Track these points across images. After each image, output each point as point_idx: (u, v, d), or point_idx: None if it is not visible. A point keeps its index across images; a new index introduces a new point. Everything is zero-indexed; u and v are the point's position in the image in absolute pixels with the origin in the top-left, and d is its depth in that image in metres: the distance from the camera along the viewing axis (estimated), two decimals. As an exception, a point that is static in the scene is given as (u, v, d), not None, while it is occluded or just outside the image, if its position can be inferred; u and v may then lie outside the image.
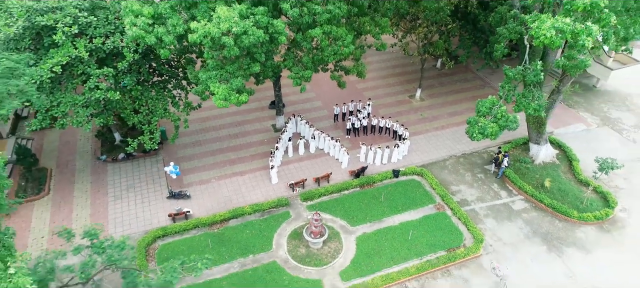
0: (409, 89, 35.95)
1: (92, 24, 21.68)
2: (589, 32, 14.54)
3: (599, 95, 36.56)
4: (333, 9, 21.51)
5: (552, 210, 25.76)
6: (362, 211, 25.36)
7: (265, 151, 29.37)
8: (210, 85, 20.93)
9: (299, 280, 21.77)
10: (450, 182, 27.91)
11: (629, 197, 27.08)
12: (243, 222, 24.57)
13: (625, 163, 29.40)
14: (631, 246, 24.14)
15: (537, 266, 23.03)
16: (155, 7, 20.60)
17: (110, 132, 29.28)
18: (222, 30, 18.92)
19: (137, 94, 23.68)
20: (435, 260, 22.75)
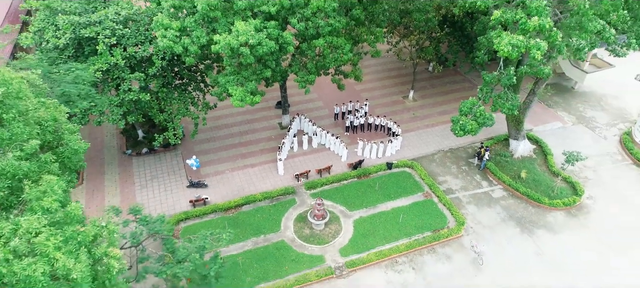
0: (403, 91, 39.81)
1: (126, 35, 25.51)
2: (538, 47, 18.34)
3: (577, 96, 40.43)
4: (334, 23, 25.39)
5: (527, 197, 29.62)
6: (359, 198, 29.20)
7: (273, 146, 33.24)
8: (229, 88, 24.78)
9: (304, 256, 25.59)
10: (438, 174, 31.77)
11: (595, 187, 30.93)
12: (255, 208, 28.39)
13: (595, 158, 33.46)
14: (594, 228, 27.97)
15: (511, 245, 26.86)
16: (182, 22, 24.43)
17: (134, 129, 33.08)
18: (241, 42, 22.76)
19: (163, 95, 27.51)
20: (422, 239, 26.59)
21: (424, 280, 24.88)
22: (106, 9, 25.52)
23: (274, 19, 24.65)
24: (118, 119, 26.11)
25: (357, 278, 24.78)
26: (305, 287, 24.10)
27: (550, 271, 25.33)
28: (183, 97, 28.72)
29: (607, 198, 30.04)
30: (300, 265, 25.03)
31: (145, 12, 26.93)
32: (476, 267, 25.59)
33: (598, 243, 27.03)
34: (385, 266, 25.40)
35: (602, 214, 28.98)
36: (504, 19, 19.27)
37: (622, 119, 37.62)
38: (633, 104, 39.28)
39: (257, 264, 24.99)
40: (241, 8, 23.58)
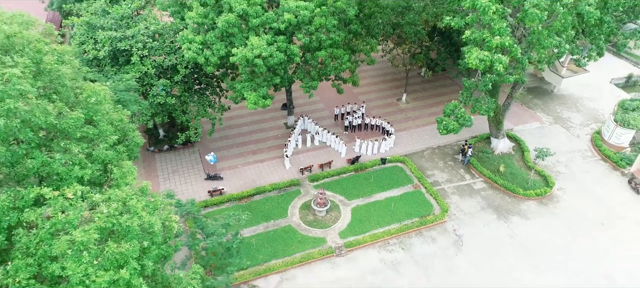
0: (397, 94, 44.41)
1: (155, 47, 30.08)
2: (500, 61, 22.84)
3: (555, 98, 45.02)
4: (334, 37, 29.97)
5: (504, 188, 34.19)
6: (356, 189, 33.77)
7: (279, 144, 37.80)
8: (244, 92, 29.37)
9: (308, 238, 30.14)
10: (426, 168, 36.34)
11: (566, 180, 35.50)
12: (265, 197, 32.94)
13: (567, 154, 38.07)
14: (562, 215, 32.52)
15: (488, 229, 31.42)
16: (204, 36, 28.97)
17: (155, 128, 37.61)
18: (255, 54, 27.33)
19: (185, 99, 32.08)
20: (410, 224, 31.16)
21: (412, 258, 29.41)
22: (138, 25, 30.07)
23: (282, 34, 29.19)
24: (147, 119, 30.60)
25: (354, 257, 29.32)
26: (309, 263, 28.62)
27: (521, 251, 29.86)
28: (202, 100, 33.25)
29: (575, 190, 34.59)
30: (305, 246, 29.57)
31: (170, 26, 31.47)
32: (457, 247, 30.13)
33: (564, 228, 31.57)
34: (378, 246, 29.94)
35: (570, 203, 33.53)
36: (473, 38, 23.84)
37: (595, 119, 42.18)
38: (606, 105, 43.81)
39: (268, 244, 29.53)
40: (255, 25, 28.13)
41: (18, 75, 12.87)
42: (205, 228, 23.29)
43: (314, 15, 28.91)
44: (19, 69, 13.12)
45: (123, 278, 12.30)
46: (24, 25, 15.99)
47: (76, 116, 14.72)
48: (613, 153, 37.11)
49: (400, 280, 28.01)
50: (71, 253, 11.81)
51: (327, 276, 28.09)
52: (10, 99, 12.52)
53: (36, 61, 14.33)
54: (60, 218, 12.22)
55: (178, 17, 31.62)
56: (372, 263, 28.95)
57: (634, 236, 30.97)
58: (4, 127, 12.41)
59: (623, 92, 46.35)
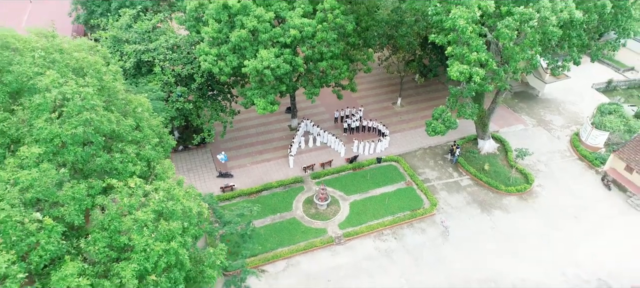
0: (392, 98, 48.57)
1: (174, 58, 34.19)
2: (478, 74, 26.93)
3: (540, 102, 49.18)
4: (334, 49, 34.13)
5: (488, 185, 38.31)
6: (354, 185, 37.89)
7: (284, 144, 41.95)
8: (254, 99, 33.52)
9: (311, 229, 34.25)
10: (418, 166, 40.49)
11: (545, 177, 39.63)
12: (271, 193, 37.05)
13: (548, 154, 42.20)
14: (539, 209, 36.62)
15: (472, 221, 35.54)
16: (218, 49, 33.07)
17: (171, 131, 41.69)
18: (264, 66, 31.46)
19: (200, 104, 36.19)
20: (402, 216, 35.28)
21: (404, 247, 33.52)
22: (159, 39, 34.20)
23: (288, 47, 33.33)
24: (167, 123, 34.66)
25: (351, 246, 33.44)
26: (312, 251, 32.73)
27: (501, 241, 33.95)
28: (214, 105, 37.35)
29: (552, 187, 38.73)
30: (308, 235, 33.68)
31: (186, 38, 35.59)
32: (444, 237, 34.25)
33: (541, 221, 35.68)
34: (374, 236, 34.06)
35: (547, 199, 37.66)
36: (454, 53, 27.97)
37: (575, 122, 46.33)
38: (586, 109, 47.93)
39: (275, 234, 33.63)
40: (264, 39, 32.26)
41: (91, 93, 16.91)
42: (222, 218, 27.41)
43: (316, 30, 33.04)
44: (90, 88, 17.17)
45: (172, 248, 16.40)
46: (87, 50, 20.00)
47: (129, 123, 18.82)
48: (589, 153, 41.24)
49: (392, 267, 32.11)
50: (135, 228, 15.88)
51: (327, 262, 32.19)
52: (87, 111, 16.55)
53: (99, 80, 18.38)
54: (126, 202, 16.31)
55: (194, 30, 35.75)
56: (368, 251, 33.04)
57: (603, 228, 35.05)
58: (82, 134, 16.44)
59: (603, 96, 50.50)
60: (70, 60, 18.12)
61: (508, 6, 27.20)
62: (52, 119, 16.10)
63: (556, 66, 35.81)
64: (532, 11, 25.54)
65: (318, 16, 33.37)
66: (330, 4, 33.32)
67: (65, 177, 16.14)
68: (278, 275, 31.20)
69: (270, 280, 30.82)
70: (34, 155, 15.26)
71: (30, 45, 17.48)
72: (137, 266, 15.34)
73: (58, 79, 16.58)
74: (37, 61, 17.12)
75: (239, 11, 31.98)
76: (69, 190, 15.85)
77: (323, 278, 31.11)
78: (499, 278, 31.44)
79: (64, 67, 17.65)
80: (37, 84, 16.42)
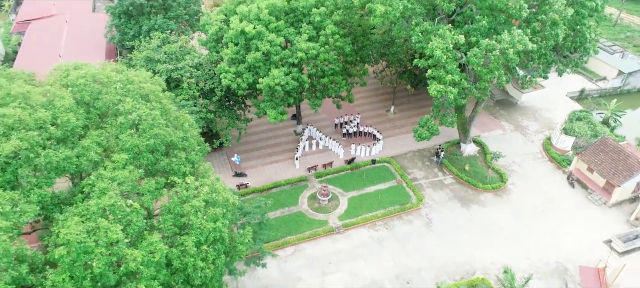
0: (386, 106, 55.61)
1: (198, 75, 41.10)
2: (452, 93, 33.84)
3: (518, 109, 56.19)
4: (334, 67, 41.13)
5: (467, 183, 45.28)
6: (352, 184, 44.88)
7: (291, 147, 48.96)
8: (266, 110, 40.50)
9: (315, 221, 41.21)
10: (408, 167, 47.47)
11: (518, 177, 46.62)
12: (280, 190, 44.03)
13: (522, 156, 49.17)
14: (511, 204, 43.60)
15: (453, 214, 42.51)
16: (236, 68, 39.97)
17: (191, 135, 48.61)
18: (275, 83, 38.40)
19: (219, 114, 43.13)
20: (393, 210, 42.25)
21: (393, 236, 40.49)
22: (185, 58, 41.12)
23: (296, 66, 40.30)
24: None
25: (349, 234, 40.39)
26: (315, 239, 39.67)
27: (477, 232, 40.90)
28: (231, 114, 44.30)
29: (524, 185, 45.73)
30: (312, 226, 40.64)
31: (208, 58, 42.53)
32: (428, 227, 41.23)
33: (512, 214, 42.65)
34: (368, 227, 41.02)
35: (519, 195, 44.65)
36: (433, 75, 34.96)
37: (549, 127, 53.35)
38: (560, 116, 54.91)
39: (284, 225, 40.60)
40: (275, 60, 39.21)
41: (158, 115, 23.75)
42: (243, 209, 34.29)
43: (319, 52, 40.01)
44: (157, 110, 24.03)
45: (217, 227, 23.28)
46: (149, 81, 26.84)
47: (180, 135, 25.71)
48: (558, 155, 48.26)
49: (383, 252, 39.07)
50: (192, 212, 22.76)
51: (328, 248, 39.15)
52: (156, 128, 23.39)
53: (159, 102, 25.25)
54: (184, 194, 23.21)
55: (214, 50, 42.68)
56: (363, 239, 40.00)
57: (565, 220, 42.02)
58: (152, 144, 23.28)
59: (576, 104, 57.51)
60: (139, 90, 24.99)
61: (477, 38, 34.18)
62: (132, 133, 22.96)
63: (525, 80, 42.78)
64: (494, 43, 32.54)
65: (321, 40, 40.34)
66: (331, 29, 40.29)
67: (141, 175, 23.00)
68: (287, 259, 38.18)
69: (281, 262, 37.81)
70: (123, 159, 22.08)
71: (112, 80, 24.31)
72: (195, 238, 22.21)
73: (134, 104, 23.46)
74: (118, 91, 23.96)
75: (254, 36, 38.93)
76: (145, 185, 22.71)
77: (325, 261, 38.07)
78: (473, 261, 38.40)
79: (136, 95, 24.50)
80: (120, 108, 23.27)
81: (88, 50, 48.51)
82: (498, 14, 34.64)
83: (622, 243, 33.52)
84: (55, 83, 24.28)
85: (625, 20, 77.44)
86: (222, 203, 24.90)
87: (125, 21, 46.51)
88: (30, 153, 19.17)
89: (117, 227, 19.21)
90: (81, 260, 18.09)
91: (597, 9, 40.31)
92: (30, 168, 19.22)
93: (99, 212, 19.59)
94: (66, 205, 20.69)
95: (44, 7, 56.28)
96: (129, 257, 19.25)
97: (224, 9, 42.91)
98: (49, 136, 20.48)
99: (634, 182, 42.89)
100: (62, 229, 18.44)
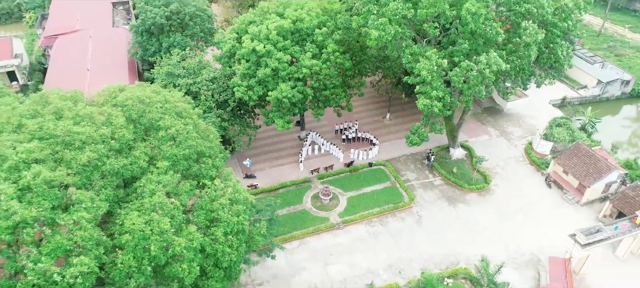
0: (382, 113, 61.62)
1: (213, 88, 47.06)
2: (437, 106, 39.80)
3: (504, 116, 62.21)
4: (335, 82, 47.13)
5: (455, 184, 51.28)
6: (350, 184, 50.90)
7: (295, 152, 54.97)
8: (275, 119, 46.50)
9: (317, 217, 47.22)
10: (401, 169, 53.46)
11: (501, 178, 52.64)
12: (287, 190, 50.04)
13: (505, 160, 55.16)
14: (494, 204, 49.62)
15: (441, 212, 48.52)
16: (248, 82, 45.92)
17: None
18: (283, 96, 44.39)
19: (232, 122, 49.12)
20: (387, 208, 48.26)
21: (387, 231, 46.48)
22: (202, 73, 47.08)
23: (300, 80, 46.30)
24: (207, 137, 47.54)
25: (348, 230, 46.39)
26: (318, 233, 45.66)
27: (463, 228, 46.89)
28: (242, 122, 50.28)
29: (506, 186, 51.74)
30: (315, 222, 46.64)
31: (222, 72, 48.51)
32: (418, 224, 47.23)
33: (494, 213, 48.64)
34: (365, 223, 47.03)
35: (501, 195, 50.67)
36: (420, 91, 40.95)
37: (531, 133, 59.36)
38: (542, 122, 60.89)
39: (290, 221, 46.60)
40: (283, 75, 45.19)
41: (191, 130, 29.68)
42: (256, 206, 40.25)
43: (322, 68, 45.98)
44: (190, 125, 29.96)
45: (240, 221, 29.22)
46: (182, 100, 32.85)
47: (207, 145, 31.66)
48: (538, 159, 54.26)
49: (378, 245, 45.05)
50: (220, 208, 28.66)
51: (329, 241, 45.16)
52: (190, 140, 29.31)
53: (190, 118, 31.21)
54: (213, 193, 29.13)
55: (227, 65, 48.63)
56: (360, 234, 46.01)
57: (542, 217, 47.99)
58: (187, 154, 29.19)
59: (558, 111, 63.50)
60: (174, 108, 30.96)
61: (459, 58, 40.19)
62: (171, 145, 28.90)
63: (506, 91, 48.78)
64: (472, 64, 38.55)
65: (323, 57, 46.33)
66: (332, 48, 46.30)
67: (178, 179, 28.93)
68: (293, 251, 44.18)
69: (287, 254, 43.81)
70: (165, 166, 27.99)
71: (153, 100, 30.26)
72: (223, 230, 28.14)
73: (172, 121, 29.40)
74: (159, 109, 29.90)
75: (264, 54, 44.91)
76: (182, 187, 28.65)
77: (326, 253, 44.06)
78: (458, 253, 44.39)
79: (172, 112, 30.46)
80: (161, 124, 29.23)
81: (112, 64, 54.55)
82: (477, 38, 40.62)
83: (585, 237, 39.63)
84: (106, 103, 30.26)
85: (609, 30, 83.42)
86: (243, 201, 30.86)
87: (147, 38, 52.50)
88: (98, 162, 25.10)
89: (166, 219, 25.13)
90: (141, 245, 24.03)
91: (570, 29, 46.32)
92: (99, 174, 25.15)
93: (151, 207, 25.53)
94: (124, 203, 26.65)
95: (69, 23, 62.25)
96: (175, 243, 25.21)
97: (237, 28, 48.88)
98: (110, 148, 26.42)
99: (603, 183, 48.88)
100: (126, 220, 24.41)
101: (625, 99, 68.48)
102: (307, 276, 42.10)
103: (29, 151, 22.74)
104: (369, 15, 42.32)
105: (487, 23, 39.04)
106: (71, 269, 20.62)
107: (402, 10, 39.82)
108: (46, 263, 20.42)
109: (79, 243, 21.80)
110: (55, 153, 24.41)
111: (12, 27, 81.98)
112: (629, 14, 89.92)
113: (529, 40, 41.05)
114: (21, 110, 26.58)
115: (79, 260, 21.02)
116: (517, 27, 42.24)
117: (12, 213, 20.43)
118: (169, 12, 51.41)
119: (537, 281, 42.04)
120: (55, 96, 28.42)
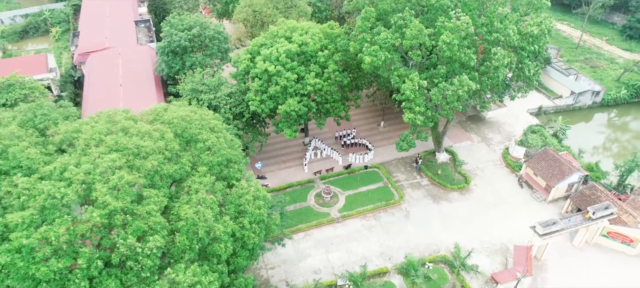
0: (377, 121, 71.21)
1: (231, 102, 56.54)
2: (421, 120, 49.22)
3: (486, 124, 71.79)
4: (335, 97, 56.70)
5: (439, 184, 60.85)
6: (349, 185, 60.50)
7: (300, 156, 64.61)
8: (283, 128, 56.10)
9: (320, 213, 56.82)
10: (393, 171, 63.04)
11: (479, 179, 62.26)
12: (293, 190, 59.65)
13: (485, 163, 64.75)
14: (472, 201, 59.25)
15: (426, 208, 58.13)
16: (260, 97, 55.38)
17: (221, 146, 64.14)
18: (291, 109, 53.94)
19: (247, 131, 58.65)
20: (380, 205, 57.87)
21: (380, 224, 56.06)
22: (221, 89, 56.61)
23: (305, 96, 55.85)
24: (225, 144, 57.07)
25: (346, 223, 55.99)
26: (320, 226, 55.21)
27: (445, 222, 56.51)
28: (255, 131, 59.82)
29: (483, 185, 61.33)
30: (318, 217, 56.25)
31: (237, 88, 58.04)
32: (407, 218, 56.75)
33: (472, 209, 58.24)
34: (361, 218, 56.63)
35: (478, 194, 60.27)
36: (406, 106, 50.49)
37: (509, 139, 68.97)
38: (520, 129, 70.44)
39: (296, 216, 56.19)
40: (290, 91, 54.72)
41: (222, 141, 39.21)
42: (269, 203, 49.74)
43: (323, 85, 55.50)
44: (222, 138, 39.50)
45: (261, 213, 38.73)
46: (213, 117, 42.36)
47: (234, 153, 41.18)
48: (513, 162, 63.82)
49: (372, 236, 54.63)
50: (246, 203, 38.11)
51: (330, 233, 54.77)
52: (223, 150, 38.83)
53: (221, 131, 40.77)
54: (240, 192, 38.61)
55: (242, 82, 58.18)
56: (357, 227, 55.61)
57: (513, 213, 57.57)
58: (220, 161, 38.66)
59: (534, 119, 73.06)
60: (208, 124, 40.50)
61: (438, 80, 49.74)
62: (208, 154, 38.39)
63: (482, 104, 58.34)
64: (448, 85, 48.11)
65: (325, 76, 55.91)
66: (332, 68, 55.90)
67: (213, 181, 38.43)
68: (299, 241, 53.79)
69: (294, 244, 53.41)
70: (204, 171, 37.47)
71: (192, 118, 39.75)
72: (248, 219, 37.61)
73: (208, 135, 38.94)
74: (197, 126, 39.41)
75: (274, 74, 54.40)
76: (216, 186, 38.13)
77: (328, 242, 53.68)
78: (439, 243, 54.00)
79: (207, 128, 39.98)
80: (199, 138, 38.75)
81: (140, 80, 64.05)
82: (454, 63, 50.17)
83: (542, 228, 49.22)
84: (155, 120, 39.78)
85: (587, 43, 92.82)
86: (262, 197, 40.38)
87: (172, 58, 62.02)
88: (158, 168, 34.60)
89: (208, 211, 34.63)
90: (192, 229, 33.50)
91: (539, 51, 55.92)
92: (159, 177, 34.67)
93: (196, 202, 35.04)
94: (175, 198, 36.18)
95: (99, 41, 71.61)
96: (216, 228, 34.68)
97: (250, 49, 58.37)
98: (165, 157, 35.94)
99: (567, 183, 58.46)
100: (180, 211, 33.91)
101: (596, 108, 78.08)
102: (312, 261, 51.67)
103: (113, 160, 32.25)
104: (363, 42, 51.86)
105: (461, 51, 48.54)
106: (149, 244, 30.10)
107: (391, 40, 49.40)
108: (131, 239, 29.88)
109: (151, 226, 31.30)
110: (128, 162, 33.91)
111: (39, 40, 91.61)
112: (607, 27, 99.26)
113: (498, 63, 50.57)
114: (98, 128, 36.09)
115: (154, 238, 30.50)
116: (488, 52, 51.78)
117: (106, 205, 29.92)
118: (191, 36, 60.91)
119: (505, 265, 51.66)
120: (120, 116, 37.96)
